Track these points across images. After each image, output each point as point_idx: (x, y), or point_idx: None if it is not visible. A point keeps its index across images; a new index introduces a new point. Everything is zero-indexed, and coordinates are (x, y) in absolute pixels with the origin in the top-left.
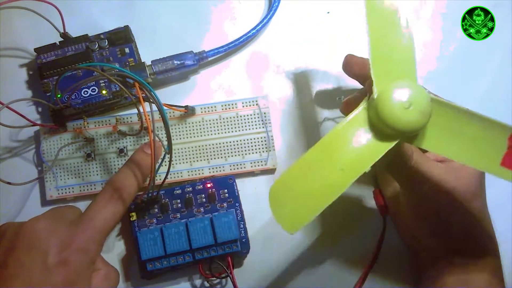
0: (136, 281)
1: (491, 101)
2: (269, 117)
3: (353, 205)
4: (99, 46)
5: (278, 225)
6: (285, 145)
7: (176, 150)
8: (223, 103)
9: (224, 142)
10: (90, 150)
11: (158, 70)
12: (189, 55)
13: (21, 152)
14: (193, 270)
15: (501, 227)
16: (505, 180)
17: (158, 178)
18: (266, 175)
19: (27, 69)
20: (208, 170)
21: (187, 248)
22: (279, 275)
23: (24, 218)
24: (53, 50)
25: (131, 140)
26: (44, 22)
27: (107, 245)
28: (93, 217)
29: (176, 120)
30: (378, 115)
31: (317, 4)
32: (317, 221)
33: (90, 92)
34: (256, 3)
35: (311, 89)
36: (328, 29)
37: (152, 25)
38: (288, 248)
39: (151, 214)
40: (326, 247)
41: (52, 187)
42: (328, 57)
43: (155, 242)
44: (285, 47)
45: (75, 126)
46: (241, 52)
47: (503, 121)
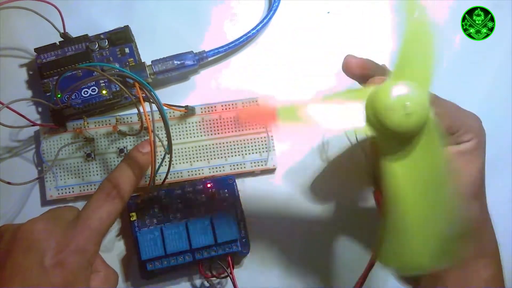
0: (136, 281)
1: (491, 101)
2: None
3: (353, 205)
4: (99, 46)
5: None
6: (285, 145)
7: (176, 150)
8: (223, 103)
9: (224, 142)
10: (90, 150)
11: (158, 70)
12: (189, 55)
13: (21, 152)
14: (193, 270)
15: (501, 227)
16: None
17: (158, 178)
18: (266, 175)
19: (27, 69)
20: (208, 170)
21: (187, 248)
22: (279, 275)
23: (24, 218)
24: (53, 50)
25: (131, 140)
26: (44, 22)
27: (107, 245)
28: (89, 217)
29: (176, 120)
30: (371, 103)
31: (317, 4)
32: (317, 221)
33: (90, 92)
34: (256, 3)
35: (311, 89)
36: (328, 29)
37: (152, 25)
38: (288, 248)
39: (151, 214)
40: (326, 247)
41: (52, 187)
42: (328, 57)
43: (155, 242)
44: (285, 47)
45: (75, 126)
46: (241, 52)
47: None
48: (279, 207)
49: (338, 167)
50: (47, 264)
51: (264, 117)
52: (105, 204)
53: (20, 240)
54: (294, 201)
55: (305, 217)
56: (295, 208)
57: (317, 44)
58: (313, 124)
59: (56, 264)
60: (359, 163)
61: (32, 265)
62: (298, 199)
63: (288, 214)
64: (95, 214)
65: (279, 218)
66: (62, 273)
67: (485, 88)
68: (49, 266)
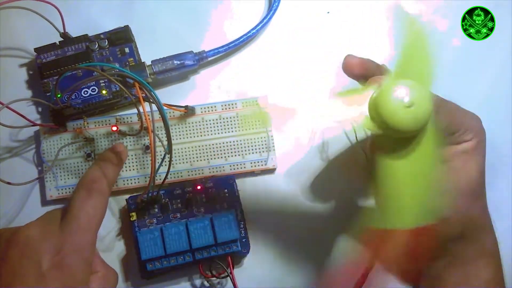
0: (136, 281)
1: (491, 101)
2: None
3: (353, 205)
4: (99, 46)
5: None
6: (285, 145)
7: (176, 150)
8: (223, 103)
9: (224, 142)
10: (90, 150)
11: (158, 70)
12: (189, 55)
13: (21, 152)
14: (193, 270)
15: (501, 227)
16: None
17: (158, 178)
18: (266, 175)
19: (27, 69)
20: (208, 170)
21: (187, 248)
22: (279, 275)
23: (24, 218)
24: (53, 50)
25: (131, 140)
26: (44, 22)
27: (107, 245)
28: (76, 217)
29: (176, 120)
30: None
31: (317, 4)
32: (317, 221)
33: (90, 92)
34: (256, 3)
35: (311, 89)
36: (328, 29)
37: (152, 25)
38: (288, 248)
39: (151, 214)
40: (326, 247)
41: (52, 187)
42: (328, 57)
43: (155, 242)
44: (285, 47)
45: (75, 126)
46: (241, 52)
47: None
48: (279, 207)
49: (338, 167)
50: (44, 269)
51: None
52: (89, 201)
53: (14, 247)
54: (294, 201)
55: (305, 217)
56: (295, 208)
57: (317, 44)
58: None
59: (52, 268)
60: (359, 163)
61: (29, 271)
62: (298, 199)
63: (288, 214)
64: (81, 212)
65: (279, 218)
66: (60, 276)
67: (485, 88)
68: (46, 271)
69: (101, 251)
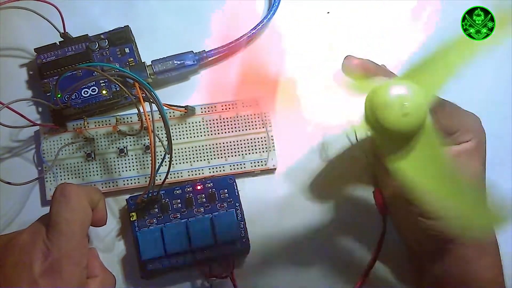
0: (136, 281)
1: (491, 101)
2: (269, 117)
3: (353, 205)
4: (99, 46)
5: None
6: (285, 145)
7: (176, 150)
8: (223, 103)
9: (224, 142)
10: (90, 150)
11: (158, 70)
12: (189, 55)
13: (21, 152)
14: (193, 270)
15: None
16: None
17: (158, 178)
18: (266, 175)
19: (27, 69)
20: (208, 170)
21: (187, 248)
22: (279, 275)
23: (24, 218)
24: (53, 50)
25: (131, 140)
26: (44, 22)
27: (107, 245)
28: (57, 222)
29: (176, 120)
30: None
31: (317, 4)
32: (317, 221)
33: (90, 92)
34: (256, 3)
35: (311, 89)
36: (328, 29)
37: (152, 25)
38: (288, 248)
39: (151, 214)
40: (326, 247)
41: (52, 187)
42: (328, 57)
43: (155, 242)
44: (285, 47)
45: (75, 126)
46: (241, 52)
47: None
48: (279, 207)
49: (338, 167)
50: (36, 275)
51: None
52: (66, 206)
53: (9, 254)
54: (294, 201)
55: (305, 217)
56: (295, 208)
57: (317, 44)
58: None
59: (44, 274)
60: (359, 163)
61: (22, 278)
62: (298, 199)
63: (288, 214)
64: (59, 218)
65: (279, 218)
66: (52, 282)
67: (485, 88)
68: (38, 277)
69: (101, 251)
